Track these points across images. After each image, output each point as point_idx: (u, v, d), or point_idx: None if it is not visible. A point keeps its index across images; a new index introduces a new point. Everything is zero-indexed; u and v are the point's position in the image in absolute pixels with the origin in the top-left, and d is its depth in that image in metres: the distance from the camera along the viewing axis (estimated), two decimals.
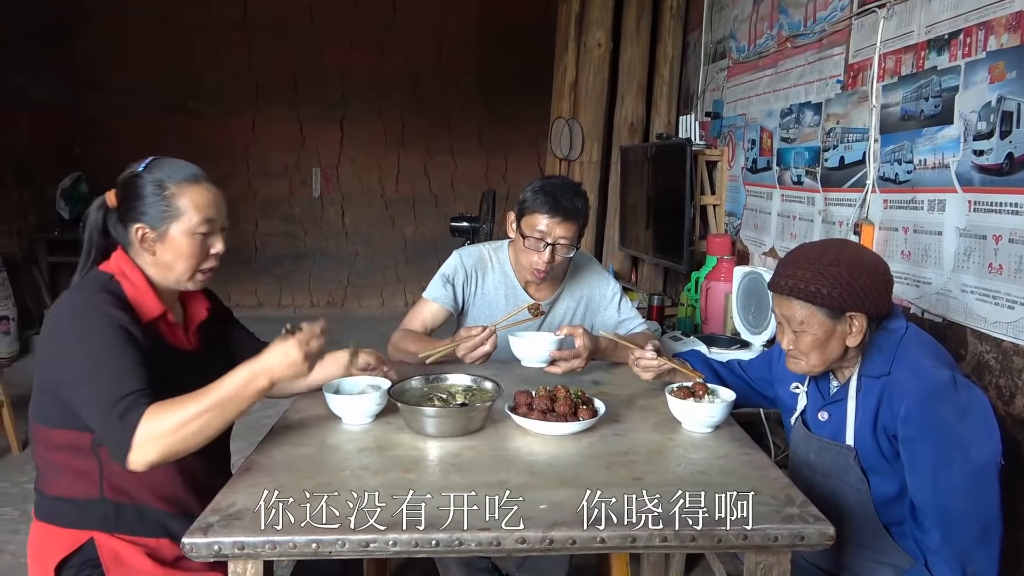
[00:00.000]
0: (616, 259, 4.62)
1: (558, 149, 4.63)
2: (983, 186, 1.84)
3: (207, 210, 1.47)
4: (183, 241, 1.45)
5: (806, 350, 1.48)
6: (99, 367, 1.31)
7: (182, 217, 1.44)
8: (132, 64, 6.37)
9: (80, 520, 1.41)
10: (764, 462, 1.41)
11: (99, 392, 1.30)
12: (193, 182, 1.46)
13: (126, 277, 1.44)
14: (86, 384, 1.32)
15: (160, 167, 1.46)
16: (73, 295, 1.41)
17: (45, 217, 5.88)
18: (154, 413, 1.29)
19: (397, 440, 1.51)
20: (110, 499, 1.41)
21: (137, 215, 1.44)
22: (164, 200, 1.43)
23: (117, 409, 1.28)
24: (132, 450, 1.27)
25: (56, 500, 1.43)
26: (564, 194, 2.02)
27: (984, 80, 1.84)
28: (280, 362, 1.35)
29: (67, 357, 1.35)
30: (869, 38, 2.37)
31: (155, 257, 1.46)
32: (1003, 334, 1.79)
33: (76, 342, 1.34)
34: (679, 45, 4.37)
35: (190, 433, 1.30)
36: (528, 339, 1.95)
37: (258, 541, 1.12)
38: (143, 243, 1.45)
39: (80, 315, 1.36)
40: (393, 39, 6.60)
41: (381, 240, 6.98)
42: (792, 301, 1.46)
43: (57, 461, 1.42)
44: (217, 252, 1.51)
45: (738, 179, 3.49)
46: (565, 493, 1.26)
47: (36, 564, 1.43)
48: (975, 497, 1.34)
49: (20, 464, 3.42)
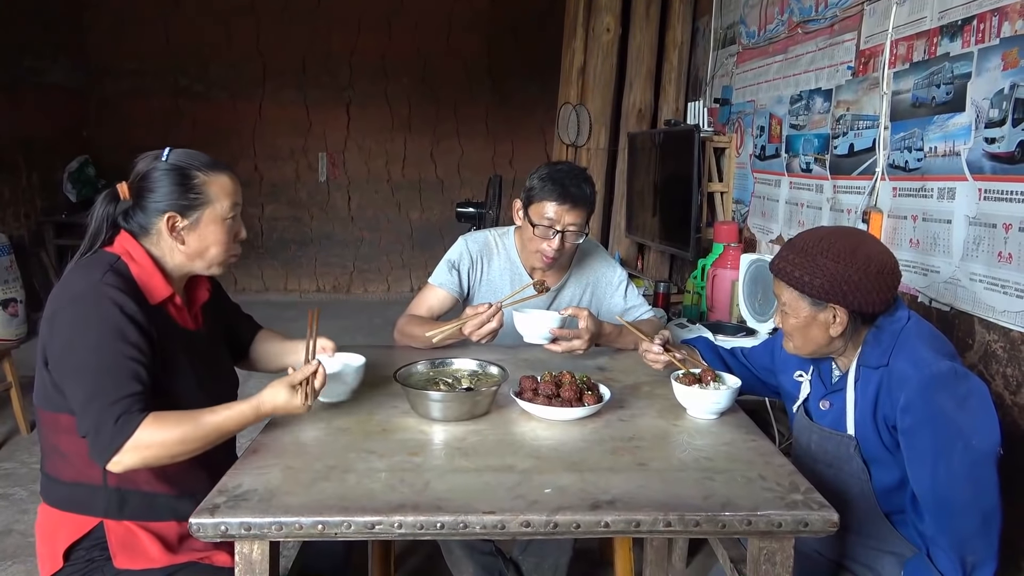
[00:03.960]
0: (622, 246, 4.61)
1: (565, 135, 4.61)
2: (994, 174, 1.83)
3: (235, 195, 1.49)
4: (215, 228, 1.47)
5: (789, 331, 1.53)
6: (99, 359, 1.30)
7: (213, 204, 1.45)
8: (141, 48, 6.38)
9: (86, 506, 1.41)
10: (769, 449, 1.41)
11: (96, 387, 1.29)
12: (218, 169, 1.48)
13: (132, 259, 1.43)
14: (83, 375, 1.30)
15: (181, 156, 1.46)
16: (78, 275, 1.38)
17: (53, 200, 5.89)
18: (151, 424, 1.29)
19: (403, 424, 1.52)
20: (112, 486, 1.40)
21: (164, 205, 1.43)
22: (193, 189, 1.44)
23: (114, 411, 1.28)
24: (119, 453, 1.27)
25: (62, 485, 1.42)
26: (572, 180, 2.01)
27: (997, 67, 1.82)
28: (282, 407, 1.39)
29: (66, 342, 1.33)
30: (881, 24, 2.35)
31: (186, 246, 1.46)
32: (1011, 323, 1.78)
33: (78, 328, 1.32)
34: (688, 31, 4.33)
35: (177, 452, 1.32)
36: (531, 316, 1.95)
37: (264, 522, 1.13)
38: (173, 232, 1.44)
39: (84, 298, 1.34)
40: (401, 23, 6.58)
41: (387, 225, 6.98)
42: (781, 283, 1.51)
43: (61, 445, 1.41)
44: (243, 237, 1.54)
45: (746, 166, 3.47)
46: (570, 478, 1.26)
47: (45, 546, 1.44)
48: (975, 486, 1.34)
49: (28, 445, 3.45)
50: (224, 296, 1.77)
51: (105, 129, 6.35)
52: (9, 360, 3.47)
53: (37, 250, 5.69)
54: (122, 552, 1.40)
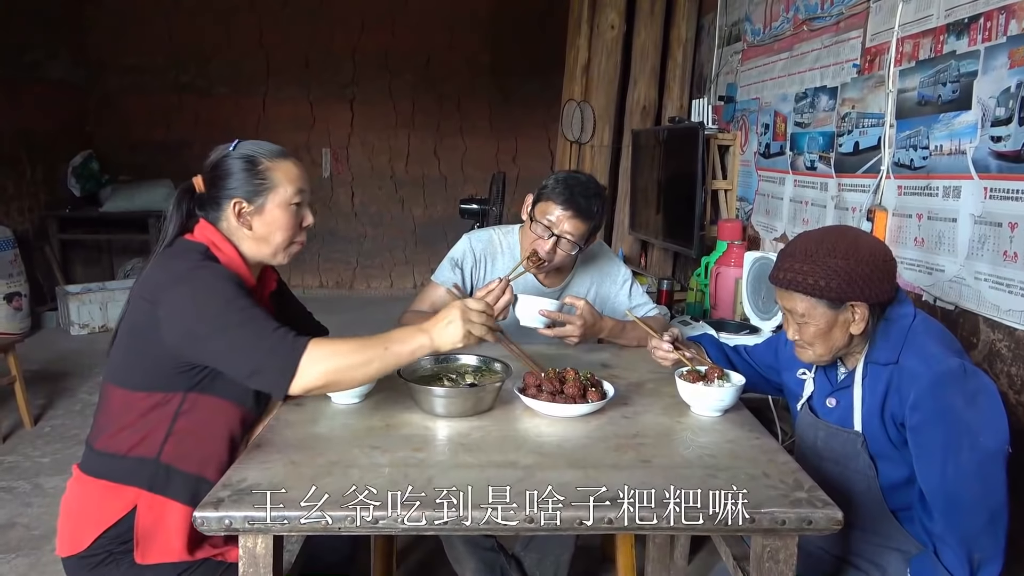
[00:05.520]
0: (626, 243, 4.61)
1: (569, 132, 4.60)
2: (1000, 173, 1.83)
3: (299, 181, 1.52)
4: (279, 213, 1.50)
5: (810, 340, 1.48)
6: (246, 313, 1.33)
7: (277, 189, 1.49)
8: (145, 43, 6.37)
9: (133, 476, 1.41)
10: (773, 446, 1.41)
11: (249, 332, 1.32)
12: (283, 157, 1.52)
13: (219, 249, 1.48)
14: (228, 331, 1.32)
15: (248, 146, 1.51)
16: (173, 262, 1.42)
17: (56, 194, 5.90)
18: (320, 342, 1.33)
19: (407, 419, 1.52)
20: (163, 461, 1.41)
21: (233, 191, 1.48)
22: (259, 174, 1.48)
23: (279, 336, 1.31)
24: (298, 372, 1.30)
25: (113, 458, 1.43)
26: (583, 191, 1.99)
27: (1004, 65, 1.82)
28: (442, 330, 1.39)
29: (194, 312, 1.34)
30: (887, 21, 2.34)
31: (252, 231, 1.50)
32: (1016, 322, 1.77)
33: (199, 300, 1.34)
34: (693, 28, 4.32)
35: (355, 364, 1.34)
36: (528, 299, 1.94)
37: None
38: (240, 218, 1.48)
39: (193, 274, 1.37)
40: (404, 19, 6.57)
41: (390, 221, 6.98)
42: (793, 294, 1.46)
43: (127, 421, 1.43)
44: (309, 224, 1.56)
45: (750, 164, 3.46)
46: (573, 474, 1.26)
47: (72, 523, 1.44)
48: (983, 484, 1.34)
49: (33, 439, 3.46)
50: (290, 294, 1.81)
51: (107, 125, 6.36)
52: (13, 354, 3.47)
53: (41, 244, 5.70)
54: (145, 541, 1.40)
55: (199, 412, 1.43)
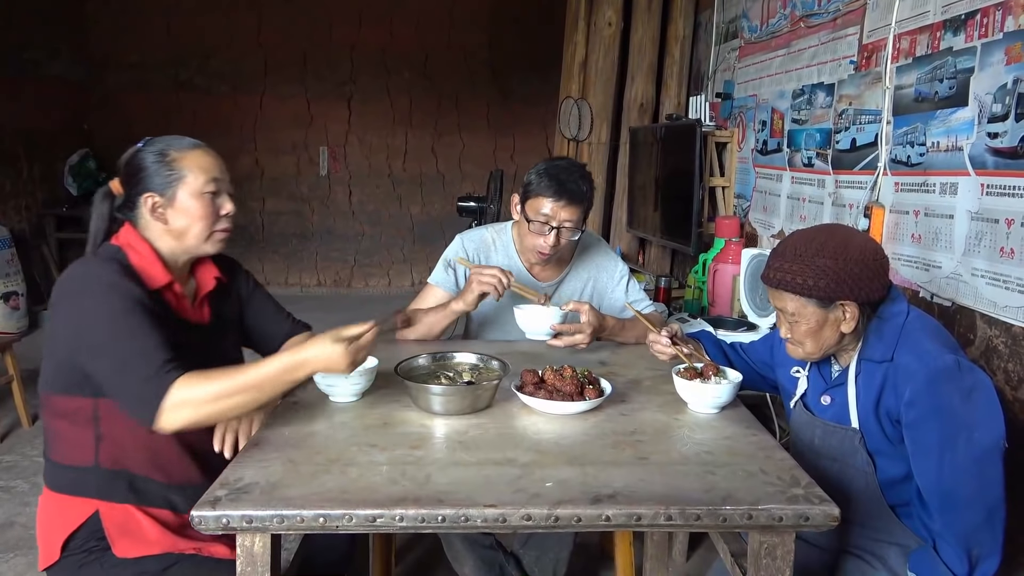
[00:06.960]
0: (623, 240, 4.61)
1: (567, 129, 4.60)
2: (997, 169, 1.83)
3: (211, 170, 1.51)
4: (192, 203, 1.48)
5: (801, 339, 1.49)
6: (125, 333, 1.33)
7: (187, 178, 1.48)
8: (143, 40, 6.37)
9: (82, 487, 1.42)
10: (770, 443, 1.41)
11: (127, 356, 1.31)
12: (194, 147, 1.51)
13: (132, 248, 1.47)
14: (112, 349, 1.32)
15: (158, 140, 1.51)
16: (81, 266, 1.42)
17: (53, 193, 5.89)
18: (189, 380, 1.31)
19: (404, 417, 1.52)
20: (104, 467, 1.42)
21: (144, 187, 1.47)
22: (168, 166, 1.47)
23: (149, 371, 1.30)
24: (163, 412, 1.29)
25: (61, 468, 1.45)
26: (569, 177, 1.99)
27: (1000, 61, 1.82)
28: (324, 363, 1.37)
29: (86, 323, 1.35)
30: (884, 18, 2.34)
31: (168, 225, 1.49)
32: (1013, 319, 1.78)
33: (95, 309, 1.35)
34: (690, 25, 4.32)
35: (224, 407, 1.33)
36: (533, 311, 1.95)
37: (266, 515, 1.13)
38: (154, 212, 1.47)
39: (92, 284, 1.37)
40: (402, 17, 6.56)
41: (388, 219, 6.97)
42: (783, 293, 1.47)
43: (58, 428, 1.44)
44: (228, 212, 1.54)
45: (748, 161, 3.46)
46: (571, 471, 1.26)
47: (44, 536, 1.45)
48: (980, 479, 1.34)
49: (30, 438, 3.46)
50: (261, 295, 1.79)
51: (106, 123, 6.34)
52: (11, 353, 3.47)
53: (38, 243, 5.69)
54: (121, 537, 1.41)
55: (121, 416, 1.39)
